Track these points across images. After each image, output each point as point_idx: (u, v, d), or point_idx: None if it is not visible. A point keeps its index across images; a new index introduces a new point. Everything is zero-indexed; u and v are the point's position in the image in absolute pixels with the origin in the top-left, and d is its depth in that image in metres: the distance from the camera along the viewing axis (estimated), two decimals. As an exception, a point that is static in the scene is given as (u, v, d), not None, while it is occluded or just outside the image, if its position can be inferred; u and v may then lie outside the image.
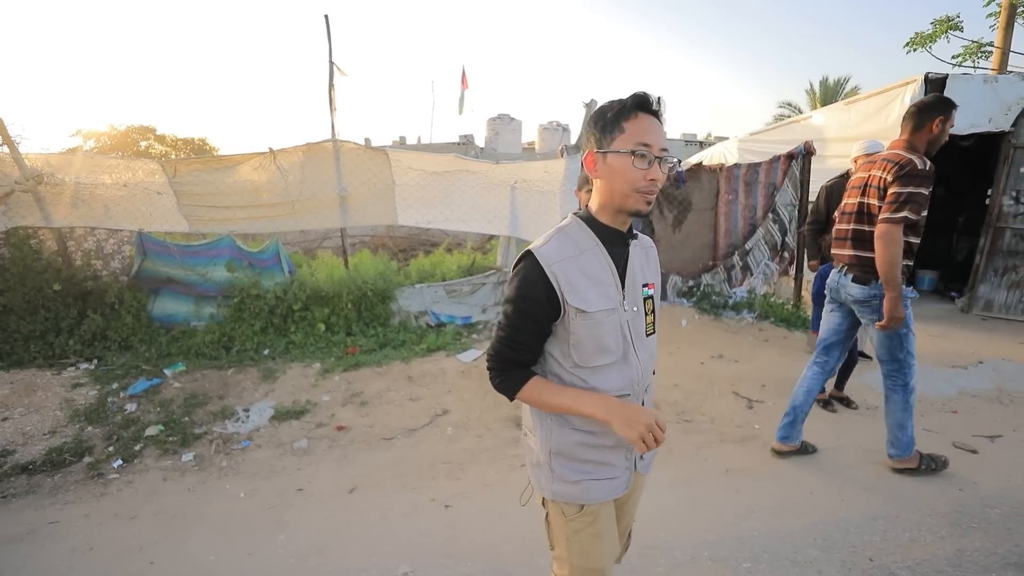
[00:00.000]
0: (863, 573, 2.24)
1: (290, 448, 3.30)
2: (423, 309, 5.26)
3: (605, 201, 1.23)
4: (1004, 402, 3.88)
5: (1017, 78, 6.23)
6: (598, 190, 1.23)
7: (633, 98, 1.18)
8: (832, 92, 20.38)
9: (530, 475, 1.41)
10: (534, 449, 1.36)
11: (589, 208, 1.26)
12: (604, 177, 1.20)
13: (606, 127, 1.18)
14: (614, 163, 1.17)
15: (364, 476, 3.02)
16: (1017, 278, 6.10)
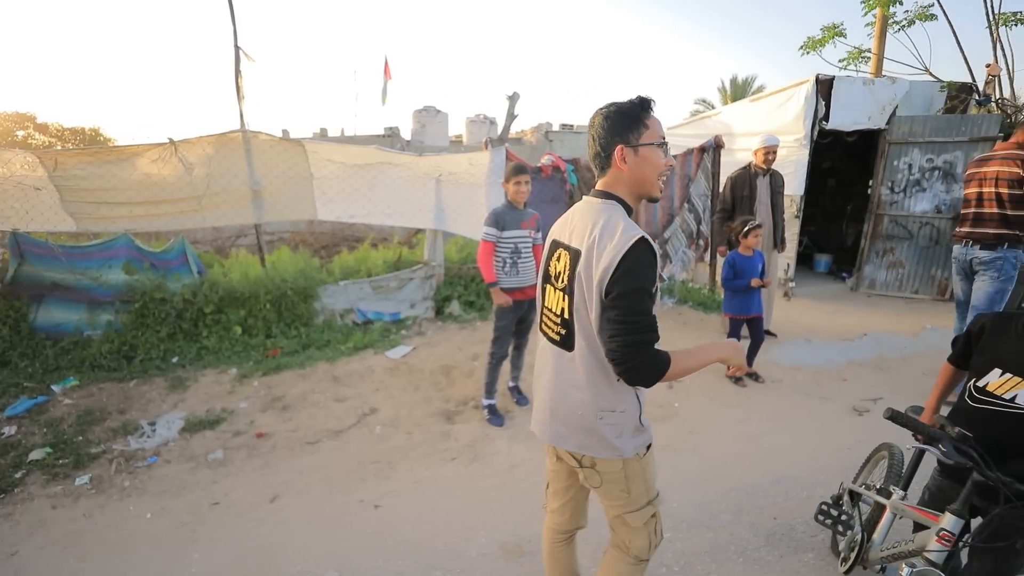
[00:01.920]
0: (768, 531, 2.44)
1: (204, 460, 3.08)
2: (348, 307, 5.08)
3: (634, 190, 1.42)
4: (883, 368, 4.37)
5: (889, 81, 6.98)
6: (626, 181, 1.40)
7: (646, 100, 1.39)
8: (741, 90, 21.82)
9: (604, 452, 1.47)
10: (621, 424, 1.45)
11: (619, 195, 1.41)
12: (635, 168, 1.38)
13: (632, 126, 1.36)
14: (646, 154, 1.37)
15: (287, 483, 2.88)
16: (894, 259, 6.87)
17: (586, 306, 1.38)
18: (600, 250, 1.32)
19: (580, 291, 1.39)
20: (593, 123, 1.43)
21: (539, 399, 1.62)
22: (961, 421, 1.66)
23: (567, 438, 1.52)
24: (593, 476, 1.53)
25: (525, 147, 12.87)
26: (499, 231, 3.14)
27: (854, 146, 7.95)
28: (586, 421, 1.45)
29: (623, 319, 1.29)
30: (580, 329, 1.42)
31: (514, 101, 4.96)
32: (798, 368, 4.32)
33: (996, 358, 1.56)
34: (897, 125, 6.54)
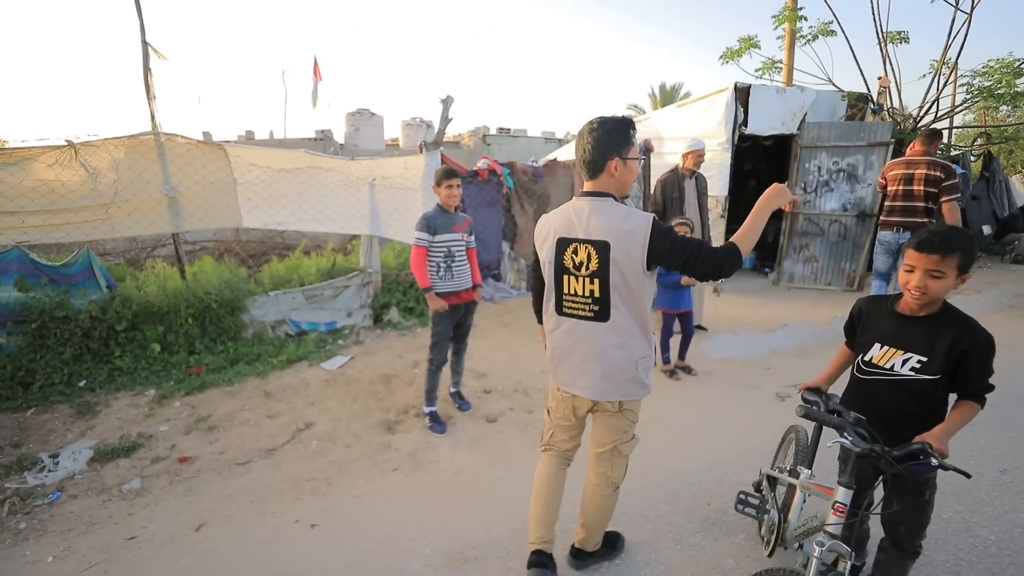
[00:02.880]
0: (703, 517, 2.55)
1: (118, 492, 2.82)
2: (280, 318, 4.84)
3: (619, 191, 1.81)
4: (802, 355, 4.69)
5: (799, 90, 7.55)
6: (614, 185, 1.79)
7: (631, 121, 1.78)
8: (669, 96, 22.88)
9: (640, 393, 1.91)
10: (649, 365, 1.89)
11: (611, 193, 1.78)
12: (622, 176, 1.78)
13: (624, 143, 1.76)
14: (631, 166, 1.79)
15: (214, 509, 2.70)
16: (809, 254, 7.42)
17: (626, 280, 1.75)
18: (632, 234, 1.71)
19: (619, 271, 1.75)
20: (586, 134, 1.77)
21: (576, 369, 1.91)
22: (854, 391, 1.87)
23: (615, 391, 1.87)
24: (614, 417, 1.93)
25: (463, 151, 12.84)
26: (431, 235, 3.10)
27: (771, 149, 8.53)
28: (628, 371, 1.84)
29: (684, 254, 1.70)
30: (620, 300, 1.78)
31: (448, 104, 4.93)
32: (727, 359, 4.56)
33: (876, 335, 1.76)
34: (807, 130, 7.08)
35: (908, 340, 1.68)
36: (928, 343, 1.64)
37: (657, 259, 1.74)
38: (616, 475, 2.01)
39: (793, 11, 9.33)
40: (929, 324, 1.65)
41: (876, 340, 1.75)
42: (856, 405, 1.81)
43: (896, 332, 1.71)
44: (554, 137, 13.60)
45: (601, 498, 2.05)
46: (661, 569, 2.24)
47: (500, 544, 2.41)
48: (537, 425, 3.49)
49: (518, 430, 3.42)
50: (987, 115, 12.02)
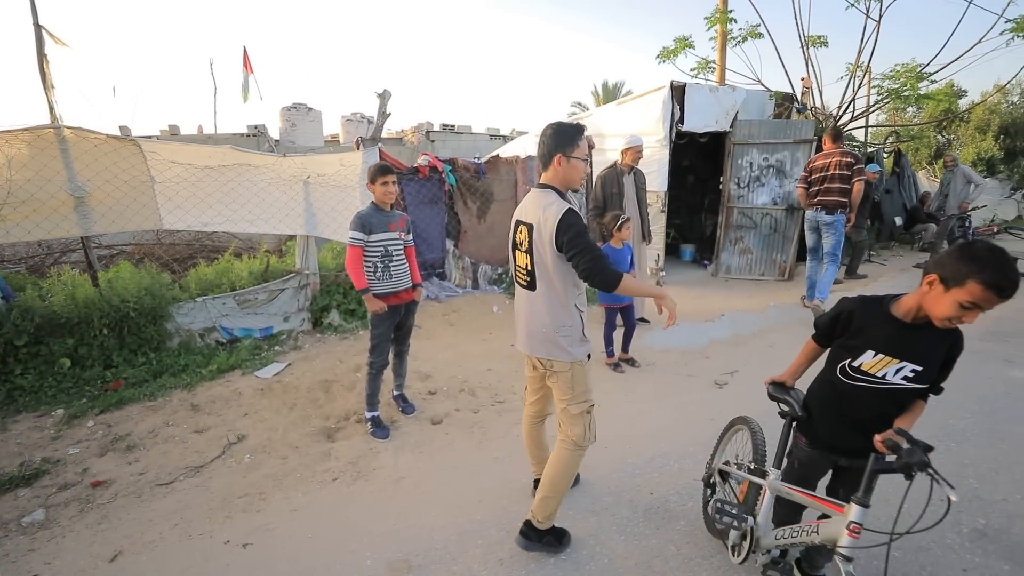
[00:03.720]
0: (646, 507, 2.59)
1: (16, 526, 2.54)
2: (210, 325, 4.55)
3: (564, 185, 2.12)
4: (738, 344, 4.90)
5: (730, 89, 7.87)
6: (560, 179, 2.10)
7: (581, 127, 2.14)
8: (612, 93, 23.37)
9: (562, 356, 2.16)
10: (571, 335, 2.15)
11: (554, 186, 2.09)
12: (566, 171, 2.08)
13: (570, 143, 2.06)
14: (575, 164, 2.08)
15: (133, 536, 2.48)
16: (744, 246, 7.76)
17: (543, 259, 2.07)
18: (546, 220, 2.02)
19: (538, 250, 2.08)
20: (544, 133, 2.10)
21: (519, 328, 2.31)
22: (829, 395, 1.78)
23: (537, 348, 2.20)
24: (552, 376, 2.22)
25: (407, 148, 12.58)
26: (366, 235, 2.98)
27: (707, 146, 8.87)
28: (548, 335, 2.15)
29: (578, 251, 1.97)
30: (540, 275, 2.12)
31: (385, 99, 4.78)
32: (668, 351, 4.69)
33: (869, 341, 1.65)
34: (739, 128, 7.39)
35: (906, 349, 1.59)
36: (926, 352, 1.58)
37: (560, 244, 2.01)
38: (575, 434, 2.22)
39: (724, 13, 9.72)
40: (929, 332, 1.56)
41: (870, 347, 1.64)
42: (829, 409, 1.79)
43: (894, 340, 1.61)
44: (499, 134, 13.57)
45: (561, 451, 2.26)
46: (605, 561, 2.25)
47: (445, 549, 2.35)
48: (483, 424, 3.45)
49: (464, 431, 3.37)
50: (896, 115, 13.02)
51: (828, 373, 1.80)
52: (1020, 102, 14.80)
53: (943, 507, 1.41)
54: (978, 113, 14.00)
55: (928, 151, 15.03)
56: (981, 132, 14.11)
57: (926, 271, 1.52)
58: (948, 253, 1.48)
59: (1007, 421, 3.32)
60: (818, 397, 1.85)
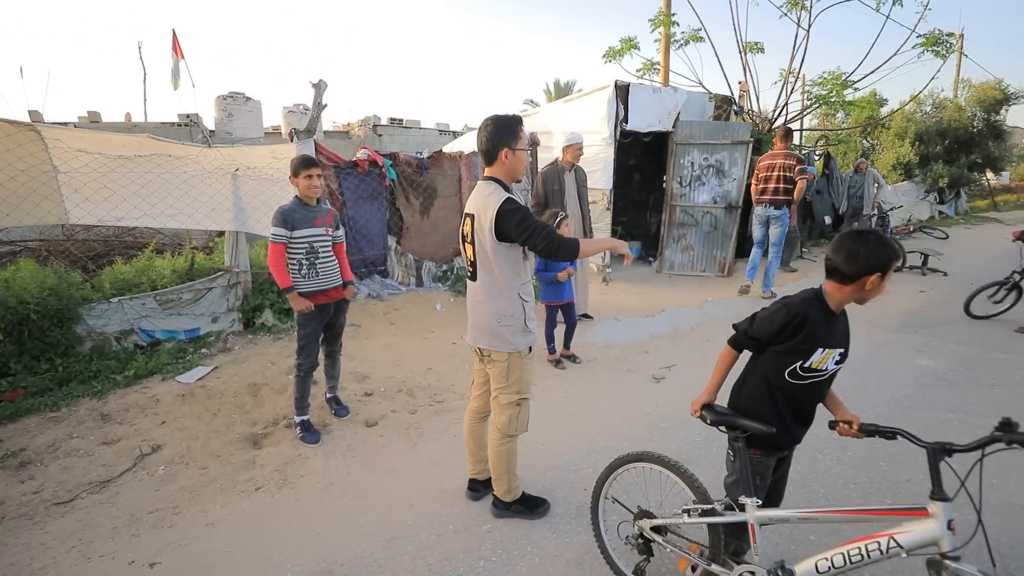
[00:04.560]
0: (578, 503, 2.59)
1: None
2: (127, 327, 4.22)
3: (509, 176, 2.18)
4: (677, 339, 5.02)
5: (673, 90, 8.08)
6: (505, 171, 2.16)
7: (520, 119, 2.17)
8: (563, 92, 23.56)
9: (501, 346, 2.20)
10: (513, 325, 2.18)
11: (498, 178, 2.15)
12: (512, 163, 2.14)
13: (513, 136, 2.11)
14: (520, 155, 2.15)
15: (20, 563, 2.25)
16: (686, 243, 8.00)
17: (484, 248, 2.11)
18: (486, 210, 2.06)
19: (479, 239, 2.12)
20: (482, 128, 2.13)
21: (469, 319, 2.33)
22: (773, 399, 1.75)
23: (479, 338, 2.25)
24: (490, 364, 2.26)
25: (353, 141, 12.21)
26: (289, 231, 2.83)
27: (651, 145, 9.06)
28: (490, 325, 2.19)
29: (530, 232, 2.00)
30: (482, 264, 2.15)
31: (321, 90, 4.59)
32: (610, 346, 4.75)
33: (818, 340, 1.67)
34: (681, 128, 7.59)
35: (838, 337, 1.69)
36: (845, 334, 1.72)
37: (506, 234, 2.05)
38: (501, 423, 2.30)
39: (667, 16, 9.97)
40: (842, 316, 1.71)
41: (819, 345, 1.67)
42: (784, 412, 1.75)
43: (832, 332, 1.68)
44: (449, 129, 13.41)
45: (492, 441, 2.36)
46: (536, 561, 2.23)
47: (372, 557, 2.26)
48: (420, 425, 3.36)
49: (400, 432, 3.27)
50: (826, 120, 13.79)
51: (775, 378, 1.73)
52: (932, 112, 16.02)
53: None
54: (897, 121, 15.04)
55: (855, 155, 16.03)
56: (900, 138, 15.17)
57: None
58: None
59: (914, 407, 3.55)
60: (767, 404, 1.76)
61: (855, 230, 1.66)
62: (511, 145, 2.11)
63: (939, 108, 16.18)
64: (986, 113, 15.67)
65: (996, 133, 15.78)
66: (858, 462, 2.90)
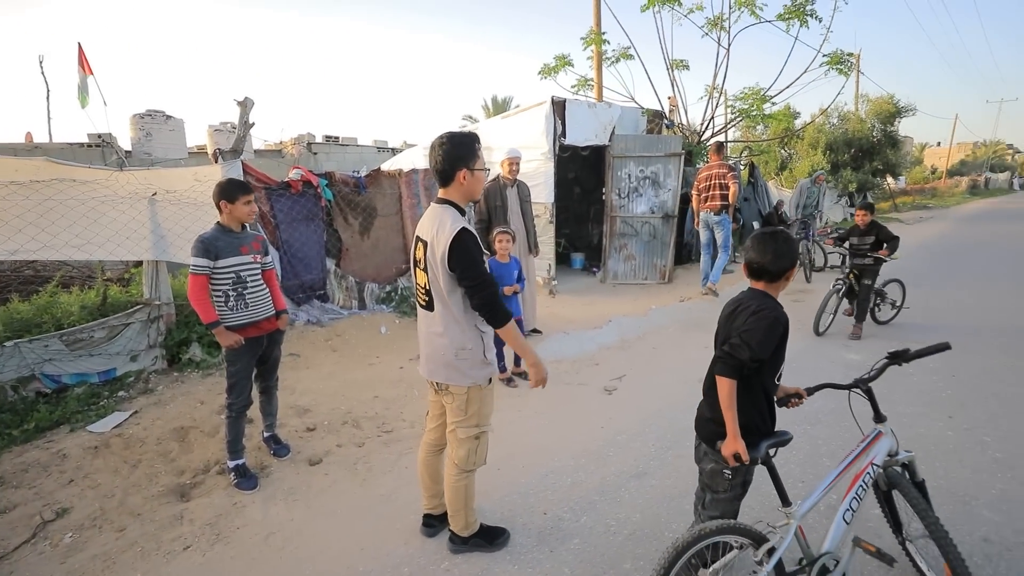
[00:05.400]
0: (539, 528, 2.51)
1: None
2: (27, 373, 3.75)
3: (466, 198, 2.06)
4: (625, 348, 5.09)
5: (607, 106, 8.32)
6: (463, 193, 2.03)
7: (477, 136, 2.04)
8: (501, 108, 23.88)
9: (460, 380, 2.08)
10: (471, 358, 2.06)
11: (454, 201, 2.03)
12: (470, 184, 2.01)
13: (471, 156, 1.98)
14: (478, 176, 2.03)
15: None
16: (628, 253, 8.20)
17: (438, 278, 1.98)
18: (439, 240, 1.92)
19: (432, 269, 1.99)
20: (436, 147, 1.98)
21: (421, 350, 2.21)
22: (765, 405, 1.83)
23: (435, 371, 2.12)
24: (448, 397, 2.13)
25: (286, 160, 11.73)
26: (212, 261, 2.60)
27: (589, 159, 9.27)
28: (447, 358, 2.06)
29: (472, 283, 1.93)
30: (436, 295, 2.02)
31: (247, 107, 4.34)
32: (560, 360, 4.73)
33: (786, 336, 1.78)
34: (616, 142, 7.81)
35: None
36: None
37: (454, 271, 1.94)
38: (459, 457, 2.19)
39: (598, 35, 10.32)
40: None
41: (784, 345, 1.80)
42: (768, 416, 1.82)
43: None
44: (387, 146, 13.18)
45: (449, 476, 2.24)
46: (498, 597, 2.13)
47: (319, 613, 2.07)
48: (369, 459, 3.18)
49: (346, 469, 3.07)
50: (748, 132, 14.71)
51: (768, 385, 1.81)
52: (838, 124, 17.51)
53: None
54: (810, 132, 16.31)
55: (775, 164, 17.20)
56: (813, 148, 16.44)
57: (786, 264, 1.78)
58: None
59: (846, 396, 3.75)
60: (764, 411, 1.81)
61: (767, 232, 1.80)
62: (469, 165, 1.98)
63: (844, 120, 17.69)
64: (883, 124, 17.29)
65: (892, 142, 17.44)
66: (803, 460, 3.00)
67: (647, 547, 2.36)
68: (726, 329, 1.85)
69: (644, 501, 2.69)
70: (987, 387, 3.98)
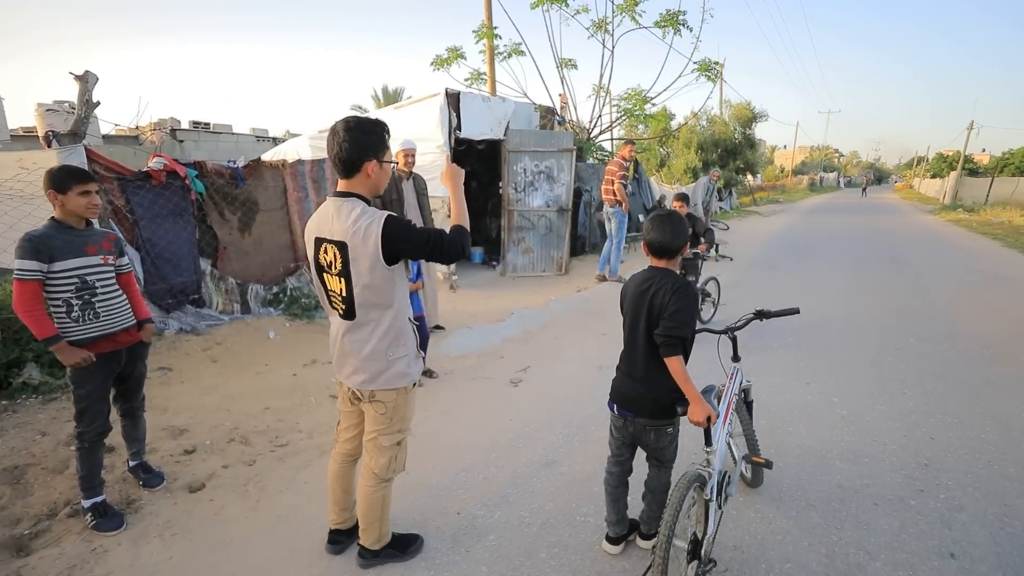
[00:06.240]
0: (453, 530, 2.44)
1: None
2: None
3: (372, 192, 1.87)
4: (528, 340, 5.17)
5: (501, 100, 8.38)
6: (369, 186, 1.85)
7: (386, 126, 1.85)
8: (393, 98, 23.13)
9: (394, 382, 1.95)
10: (408, 354, 1.96)
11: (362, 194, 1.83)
12: (378, 177, 1.84)
13: (382, 144, 1.82)
14: (386, 168, 1.87)
15: None
16: (526, 246, 8.36)
17: (372, 281, 1.80)
18: (366, 237, 1.74)
19: (358, 271, 1.79)
20: (340, 132, 1.77)
21: (340, 359, 2.01)
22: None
23: (366, 382, 1.95)
24: (376, 405, 1.99)
25: (147, 148, 10.30)
26: (45, 263, 2.16)
27: (485, 153, 9.29)
28: (378, 363, 1.92)
29: (429, 244, 1.79)
30: (365, 299, 1.84)
31: (89, 83, 3.71)
32: (465, 355, 4.68)
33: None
34: (511, 137, 7.90)
35: None
36: None
37: (400, 253, 1.80)
38: (378, 466, 2.06)
39: (490, 28, 10.34)
40: None
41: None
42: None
43: None
44: (267, 135, 12.14)
45: (365, 487, 2.09)
46: (413, 607, 2.04)
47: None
48: (261, 477, 2.89)
49: (235, 491, 2.76)
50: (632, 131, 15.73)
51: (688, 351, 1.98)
52: (707, 126, 19.40)
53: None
54: (684, 133, 17.88)
55: (656, 161, 18.61)
56: (687, 147, 18.05)
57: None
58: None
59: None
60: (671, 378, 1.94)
61: (663, 213, 2.00)
62: (379, 156, 1.81)
63: (712, 123, 19.62)
64: (743, 128, 19.46)
65: (751, 144, 19.73)
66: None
67: (561, 534, 2.40)
68: (639, 305, 1.98)
69: (555, 489, 2.75)
70: (835, 355, 4.63)
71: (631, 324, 2.05)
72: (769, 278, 8.19)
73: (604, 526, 2.34)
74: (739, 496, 2.65)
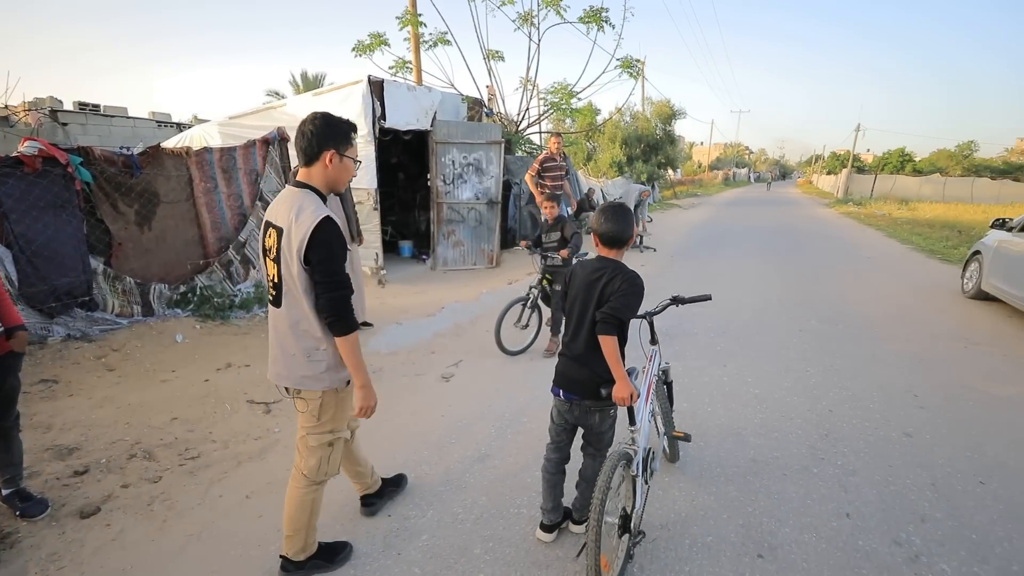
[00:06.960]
0: (384, 533, 2.36)
1: None
2: None
3: (329, 186, 1.87)
4: (460, 334, 5.12)
5: (427, 90, 8.19)
6: (324, 177, 1.83)
7: (355, 125, 1.90)
8: (312, 84, 21.90)
9: (313, 384, 1.88)
10: (326, 360, 1.87)
11: (315, 187, 1.82)
12: (335, 170, 1.84)
13: (344, 140, 1.85)
14: (347, 164, 1.87)
15: None
16: (456, 239, 8.26)
17: (290, 270, 1.76)
18: (298, 227, 1.71)
19: (285, 260, 1.77)
20: (307, 123, 1.79)
21: (271, 352, 1.95)
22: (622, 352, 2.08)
23: (286, 376, 1.90)
24: (300, 403, 1.94)
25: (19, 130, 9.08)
26: None
27: (412, 144, 9.06)
28: (298, 359, 1.86)
29: (324, 279, 1.74)
30: (287, 290, 1.81)
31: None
32: (395, 352, 4.55)
33: None
34: (439, 128, 7.74)
35: None
36: None
37: (312, 259, 1.73)
38: (307, 467, 2.00)
39: (414, 15, 10.04)
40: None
41: None
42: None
43: None
44: (170, 120, 11.11)
45: (294, 489, 2.02)
46: (342, 618, 1.94)
47: None
48: (169, 495, 2.64)
49: (138, 512, 2.50)
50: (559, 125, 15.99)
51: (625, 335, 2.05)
52: (631, 122, 20.13)
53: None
54: (609, 128, 18.43)
55: (583, 154, 19.06)
56: (612, 142, 18.63)
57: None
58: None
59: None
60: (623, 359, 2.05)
61: (613, 205, 2.08)
62: (339, 148, 1.81)
63: (635, 119, 20.36)
64: (664, 124, 20.37)
65: (671, 140, 20.69)
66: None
67: (495, 528, 2.39)
68: (590, 293, 2.04)
69: (488, 483, 2.73)
70: (749, 338, 4.97)
71: (579, 311, 2.08)
72: (689, 267, 8.65)
73: (538, 516, 2.35)
74: (665, 476, 2.77)
